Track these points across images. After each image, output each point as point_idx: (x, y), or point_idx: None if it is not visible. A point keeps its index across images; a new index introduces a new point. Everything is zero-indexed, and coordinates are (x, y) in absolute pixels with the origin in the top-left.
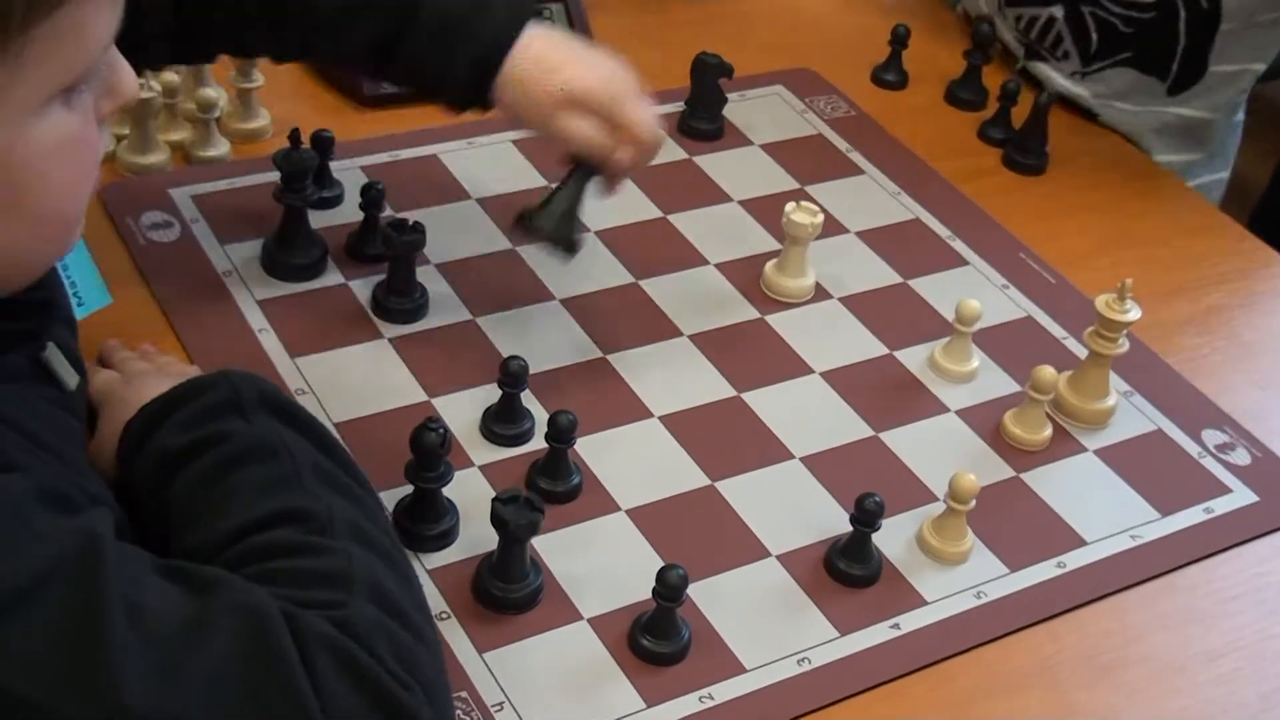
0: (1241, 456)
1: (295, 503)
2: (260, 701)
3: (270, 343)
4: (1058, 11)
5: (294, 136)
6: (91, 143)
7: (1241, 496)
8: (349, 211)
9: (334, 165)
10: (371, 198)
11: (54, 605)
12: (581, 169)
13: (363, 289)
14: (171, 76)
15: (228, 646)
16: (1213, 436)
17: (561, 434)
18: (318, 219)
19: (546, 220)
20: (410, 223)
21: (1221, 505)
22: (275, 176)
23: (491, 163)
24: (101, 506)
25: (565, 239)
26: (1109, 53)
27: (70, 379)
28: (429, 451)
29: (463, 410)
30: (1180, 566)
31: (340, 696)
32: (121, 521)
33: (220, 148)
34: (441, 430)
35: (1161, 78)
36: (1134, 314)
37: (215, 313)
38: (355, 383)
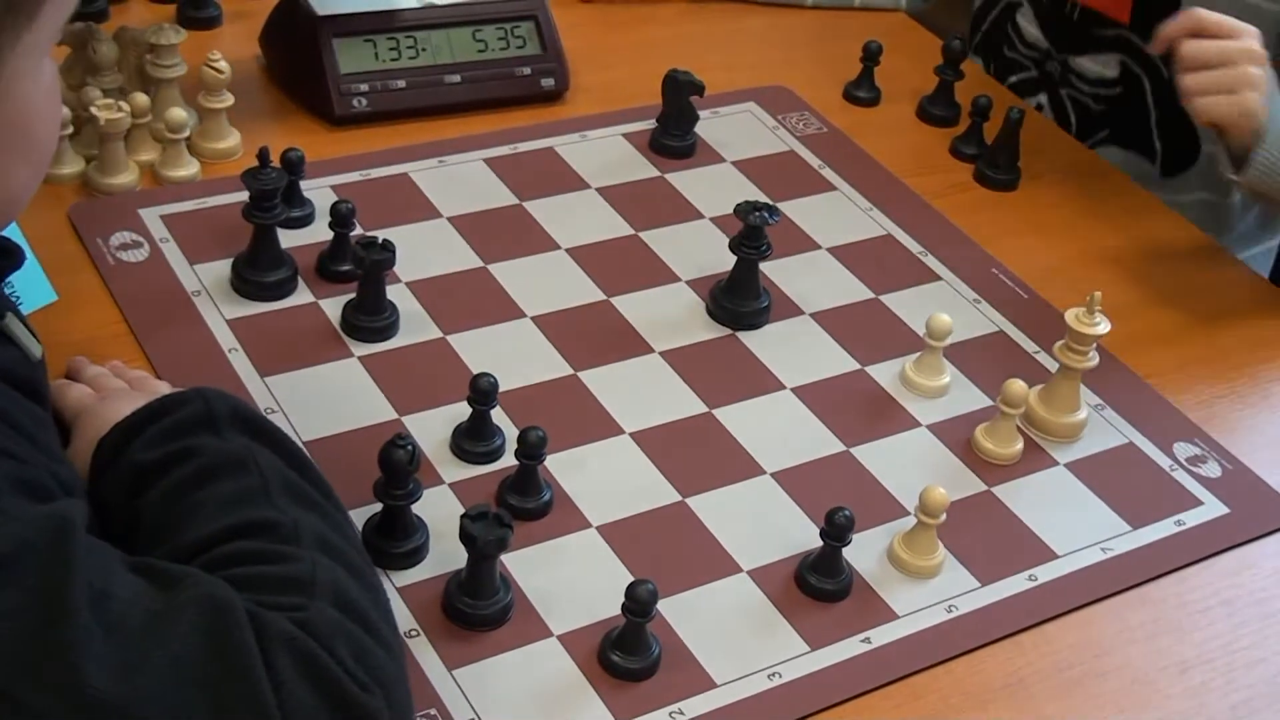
0: (1212, 469)
1: (262, 515)
2: (219, 694)
3: (240, 362)
4: (1043, 99)
5: (263, 156)
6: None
7: (1212, 509)
8: (319, 230)
9: (305, 184)
10: (341, 216)
11: (20, 587)
12: None
13: (333, 307)
14: (141, 98)
15: (190, 638)
16: (1184, 449)
17: (531, 451)
18: (288, 238)
19: None
20: (380, 241)
21: (1192, 518)
22: (245, 196)
23: (463, 181)
24: (75, 498)
25: None
26: (1089, 133)
27: (34, 348)
28: (397, 468)
29: (433, 428)
30: (1151, 579)
31: (298, 694)
32: (92, 518)
33: (190, 168)
34: (410, 447)
35: (1149, 157)
36: (1103, 327)
37: (185, 332)
38: (325, 401)
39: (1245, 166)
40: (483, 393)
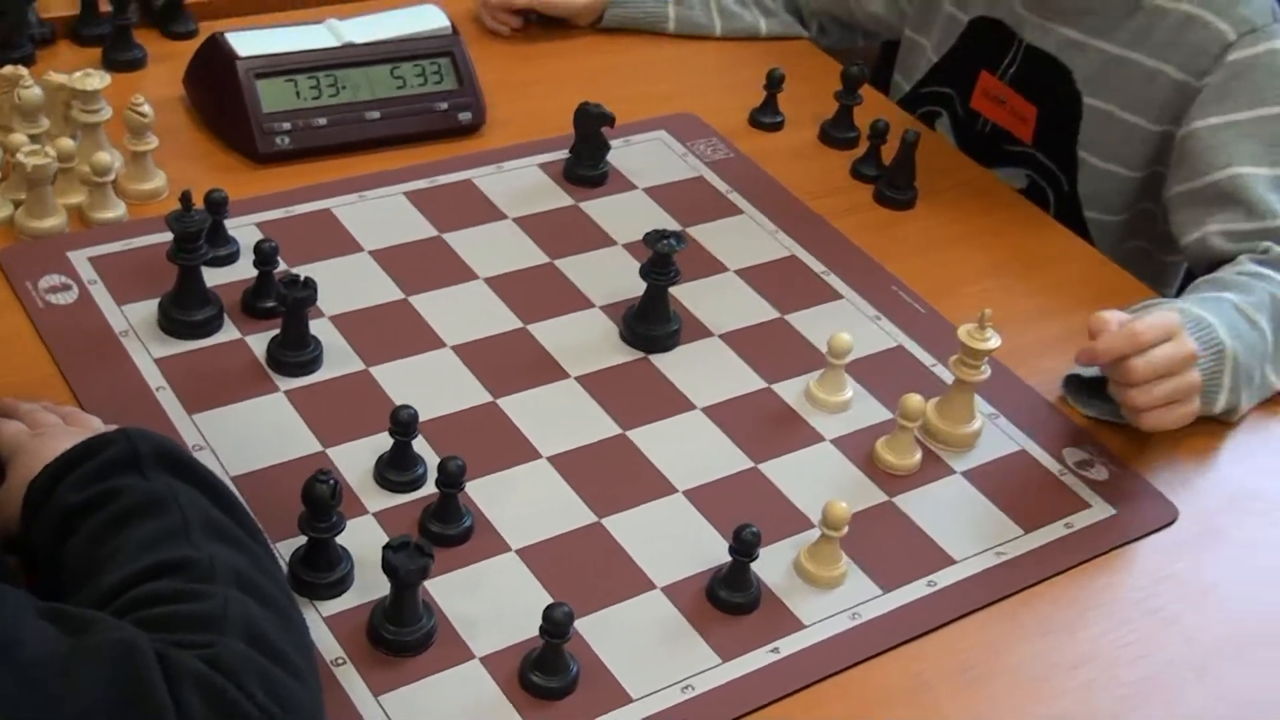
0: (1100, 472)
1: (179, 554)
2: None
3: (168, 400)
4: None
5: (185, 198)
6: None
7: (1099, 511)
8: (244, 268)
9: (229, 222)
10: (264, 255)
11: None
12: None
13: (258, 343)
14: (67, 143)
15: (98, 681)
16: (1073, 454)
17: (451, 480)
18: (213, 276)
19: None
20: (302, 279)
21: (1081, 520)
22: (171, 235)
23: (383, 215)
24: None
25: None
26: None
27: None
28: (319, 503)
29: (358, 458)
30: (1042, 580)
31: None
32: (7, 566)
33: (117, 209)
34: (332, 482)
35: None
36: (994, 342)
37: (114, 372)
38: (252, 436)
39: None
40: (403, 425)
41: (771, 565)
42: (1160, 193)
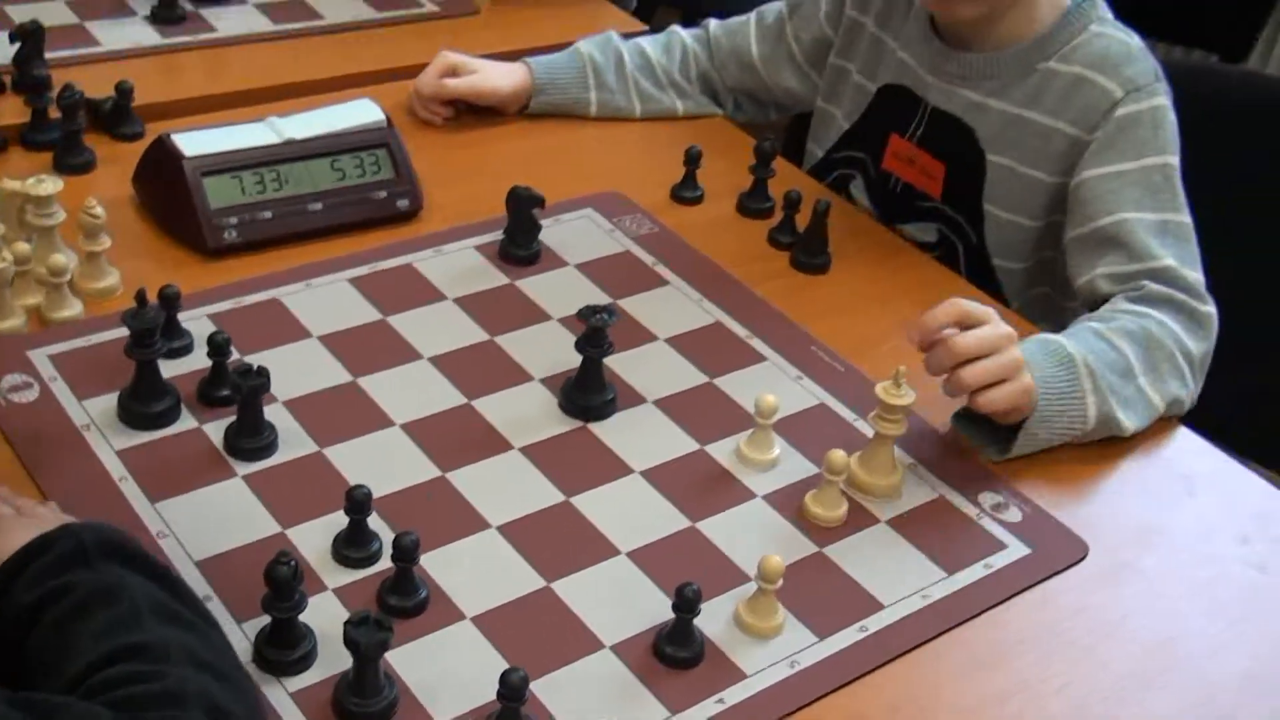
0: (1014, 514)
1: (134, 639)
2: None
3: (131, 490)
4: None
5: (140, 297)
6: None
7: (1016, 550)
8: (198, 359)
9: (182, 315)
10: (217, 346)
11: None
12: None
13: (215, 431)
14: (23, 246)
15: None
16: (988, 498)
17: (405, 554)
18: (169, 368)
19: None
20: (255, 367)
21: (999, 560)
22: (128, 331)
23: (330, 301)
24: None
25: None
26: None
27: None
28: (281, 584)
29: (315, 537)
30: (967, 619)
31: None
32: None
33: (74, 308)
34: (292, 564)
35: None
36: (909, 397)
37: (77, 466)
38: (214, 521)
39: (1014, 443)
40: (357, 504)
41: (713, 619)
42: (1059, 241)
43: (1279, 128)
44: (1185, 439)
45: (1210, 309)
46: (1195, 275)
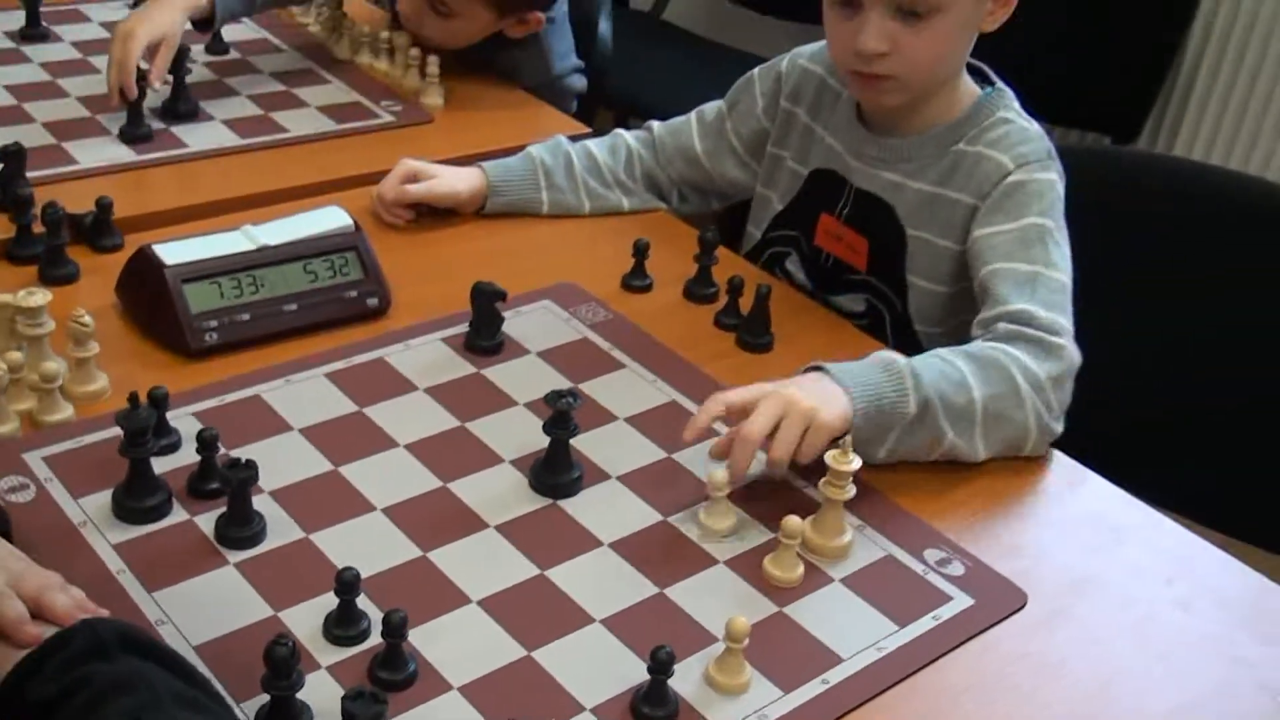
0: (957, 568)
1: None
2: None
3: (129, 581)
4: None
5: (133, 399)
6: None
7: (960, 602)
8: (186, 455)
9: (169, 415)
10: (206, 442)
11: None
12: None
13: (205, 522)
14: (15, 355)
15: None
16: (933, 554)
17: (395, 631)
18: (158, 464)
19: None
20: (244, 461)
21: (946, 611)
22: (118, 431)
23: (308, 396)
24: None
25: None
26: None
27: None
28: (280, 664)
29: (307, 618)
30: (919, 668)
31: None
32: None
33: (65, 411)
34: (290, 644)
35: None
36: (856, 464)
37: (76, 561)
38: (209, 608)
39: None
40: (346, 585)
41: (685, 679)
42: (972, 304)
43: (1173, 202)
44: (1113, 495)
45: (1063, 342)
46: (1054, 317)
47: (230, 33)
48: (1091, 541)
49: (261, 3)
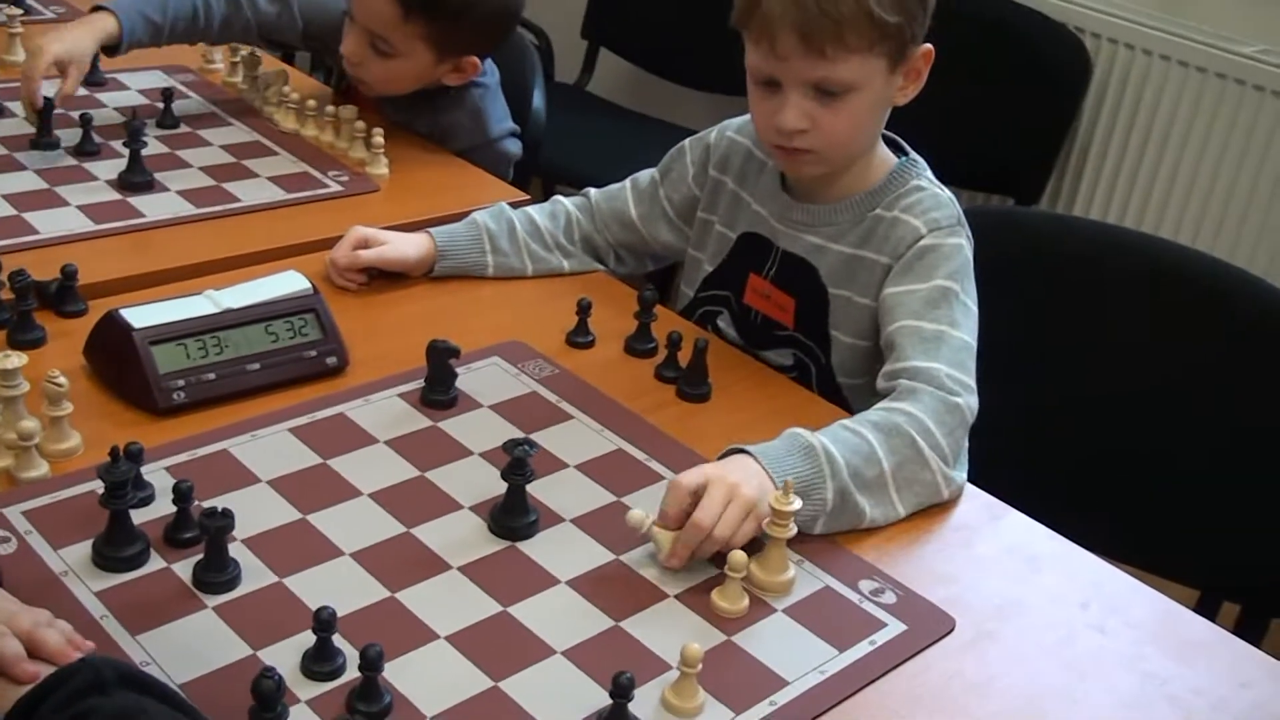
0: (889, 597)
1: None
2: None
3: (112, 626)
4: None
5: (114, 454)
6: None
7: (894, 628)
8: (161, 506)
9: (143, 469)
10: (182, 493)
11: None
12: None
13: (182, 569)
14: None
15: None
16: (867, 585)
17: (371, 664)
18: (135, 516)
19: None
20: (220, 510)
21: (881, 637)
22: (91, 486)
23: (274, 449)
24: None
25: None
26: None
27: None
28: (267, 696)
29: (284, 656)
30: (858, 690)
31: None
32: None
33: (41, 468)
34: (276, 677)
35: None
36: (796, 504)
37: (60, 608)
38: (191, 648)
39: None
40: (324, 623)
41: (643, 704)
42: None
43: (1074, 259)
44: (1031, 528)
45: (960, 400)
46: (955, 374)
47: (180, 107)
48: (1012, 570)
49: (169, 35)
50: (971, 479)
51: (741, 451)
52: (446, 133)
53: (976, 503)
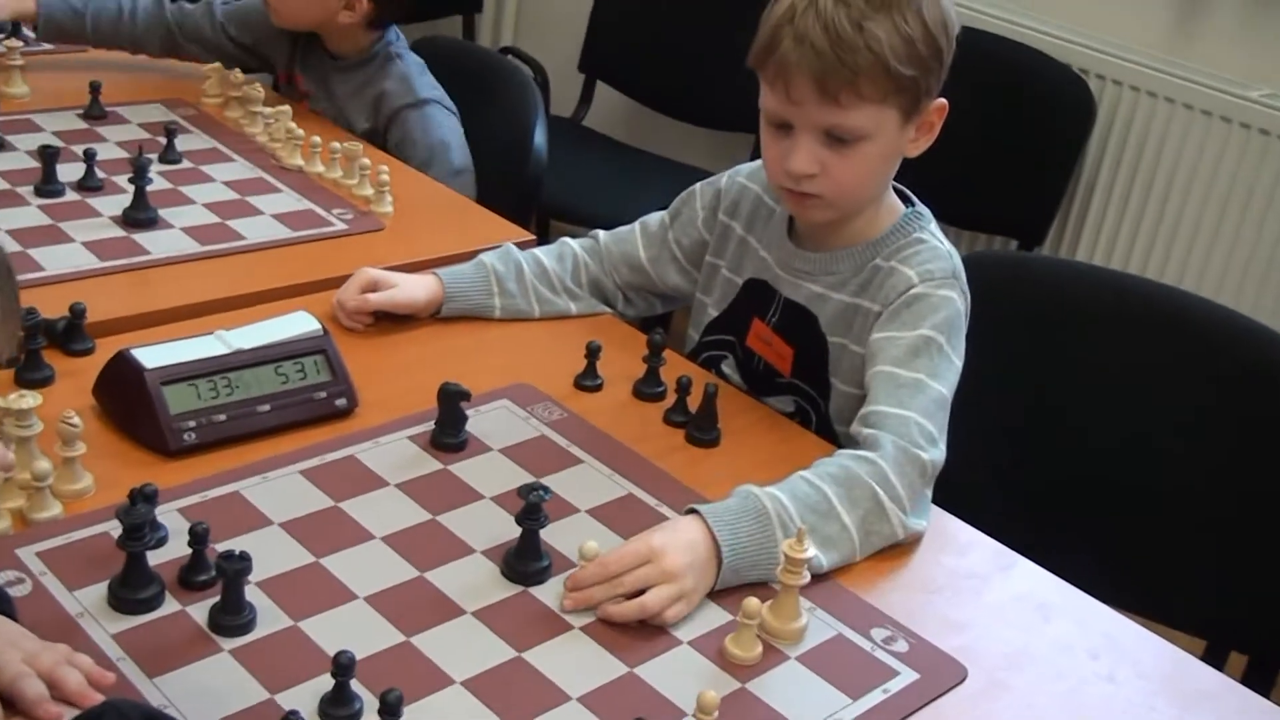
0: (902, 646)
1: None
2: None
3: (129, 668)
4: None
5: (134, 496)
6: None
7: (906, 676)
8: (175, 548)
9: (156, 510)
10: (198, 535)
11: None
12: None
13: (197, 612)
14: (9, 456)
15: None
16: (879, 633)
17: (391, 710)
18: (150, 558)
19: None
20: (238, 553)
21: (894, 685)
22: (105, 527)
23: (285, 491)
24: None
25: None
26: None
27: None
28: None
29: (300, 700)
30: None
31: None
32: None
33: (54, 509)
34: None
35: None
36: (810, 551)
37: (77, 649)
38: (209, 691)
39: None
40: (343, 667)
41: None
42: None
43: (1076, 303)
44: (1041, 576)
45: (924, 454)
46: (924, 424)
47: (182, 143)
48: (1023, 619)
49: (93, 29)
50: (982, 527)
51: (693, 512)
52: (380, 104)
53: (987, 551)
